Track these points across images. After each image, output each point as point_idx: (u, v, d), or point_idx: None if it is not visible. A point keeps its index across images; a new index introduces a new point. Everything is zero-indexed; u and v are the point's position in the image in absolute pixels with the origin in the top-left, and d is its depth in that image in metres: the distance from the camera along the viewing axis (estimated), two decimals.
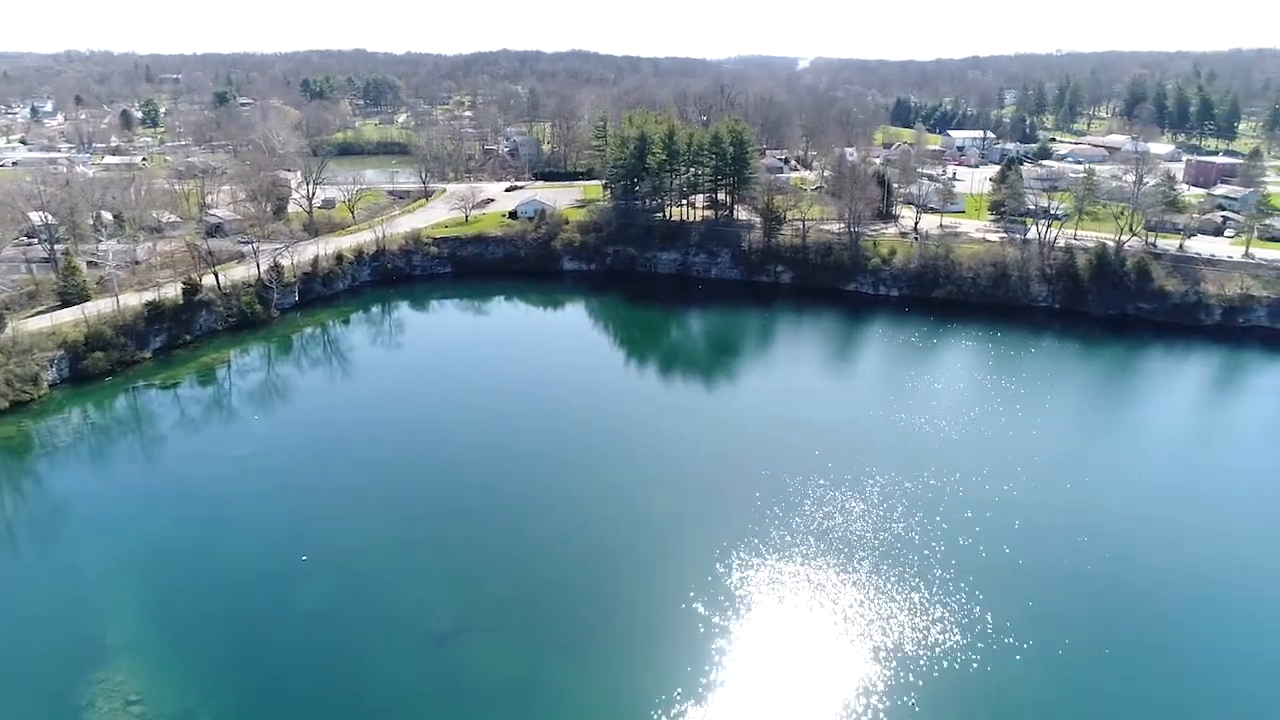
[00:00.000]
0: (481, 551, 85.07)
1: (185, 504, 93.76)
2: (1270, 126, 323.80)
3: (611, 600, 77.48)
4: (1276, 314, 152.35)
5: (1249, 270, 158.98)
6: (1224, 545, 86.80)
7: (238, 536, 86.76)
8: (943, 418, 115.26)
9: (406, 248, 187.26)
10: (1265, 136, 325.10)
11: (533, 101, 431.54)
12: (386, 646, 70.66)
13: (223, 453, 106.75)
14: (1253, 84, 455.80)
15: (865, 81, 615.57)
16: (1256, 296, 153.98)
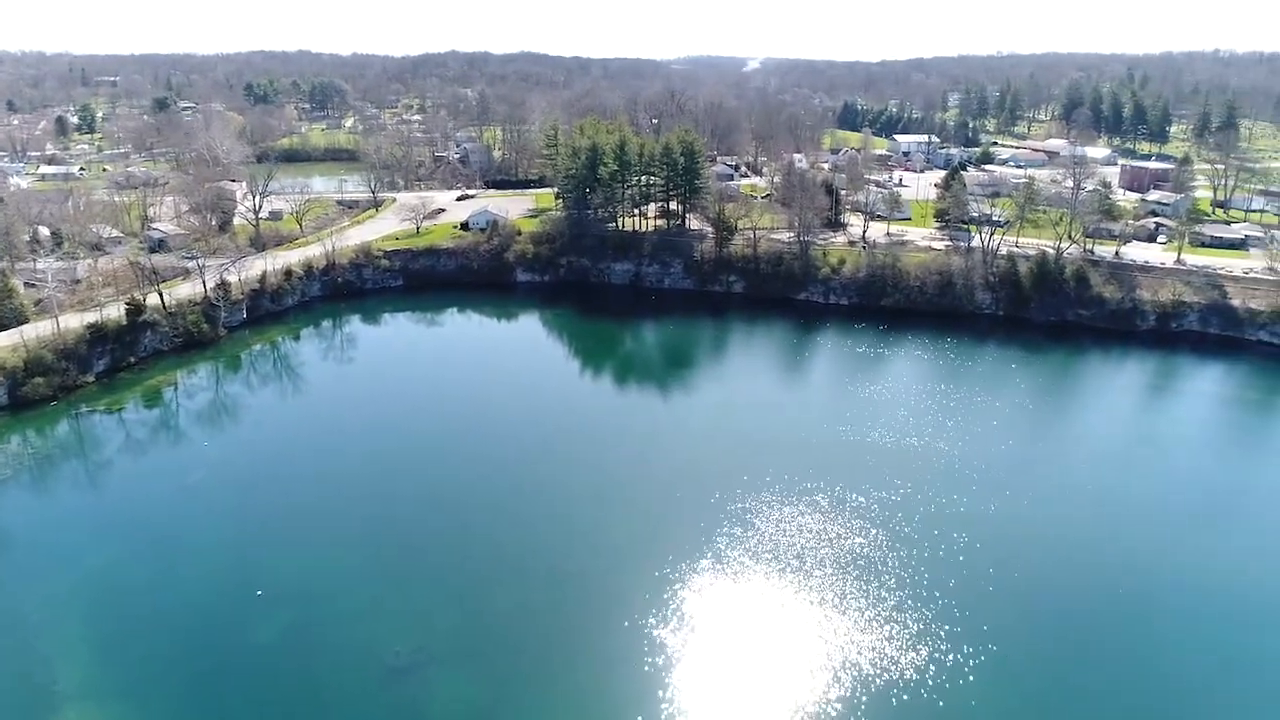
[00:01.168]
0: (439, 578, 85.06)
1: (133, 536, 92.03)
2: (1199, 132, 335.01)
3: (570, 625, 78.02)
4: (1207, 319, 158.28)
5: (1181, 277, 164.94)
6: (1169, 552, 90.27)
7: (189, 570, 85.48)
8: (892, 429, 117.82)
9: (357, 261, 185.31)
10: (1194, 140, 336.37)
11: (482, 105, 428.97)
12: (345, 682, 70.37)
13: (172, 480, 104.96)
14: (1183, 87, 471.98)
15: (813, 84, 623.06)
16: (1188, 302, 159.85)
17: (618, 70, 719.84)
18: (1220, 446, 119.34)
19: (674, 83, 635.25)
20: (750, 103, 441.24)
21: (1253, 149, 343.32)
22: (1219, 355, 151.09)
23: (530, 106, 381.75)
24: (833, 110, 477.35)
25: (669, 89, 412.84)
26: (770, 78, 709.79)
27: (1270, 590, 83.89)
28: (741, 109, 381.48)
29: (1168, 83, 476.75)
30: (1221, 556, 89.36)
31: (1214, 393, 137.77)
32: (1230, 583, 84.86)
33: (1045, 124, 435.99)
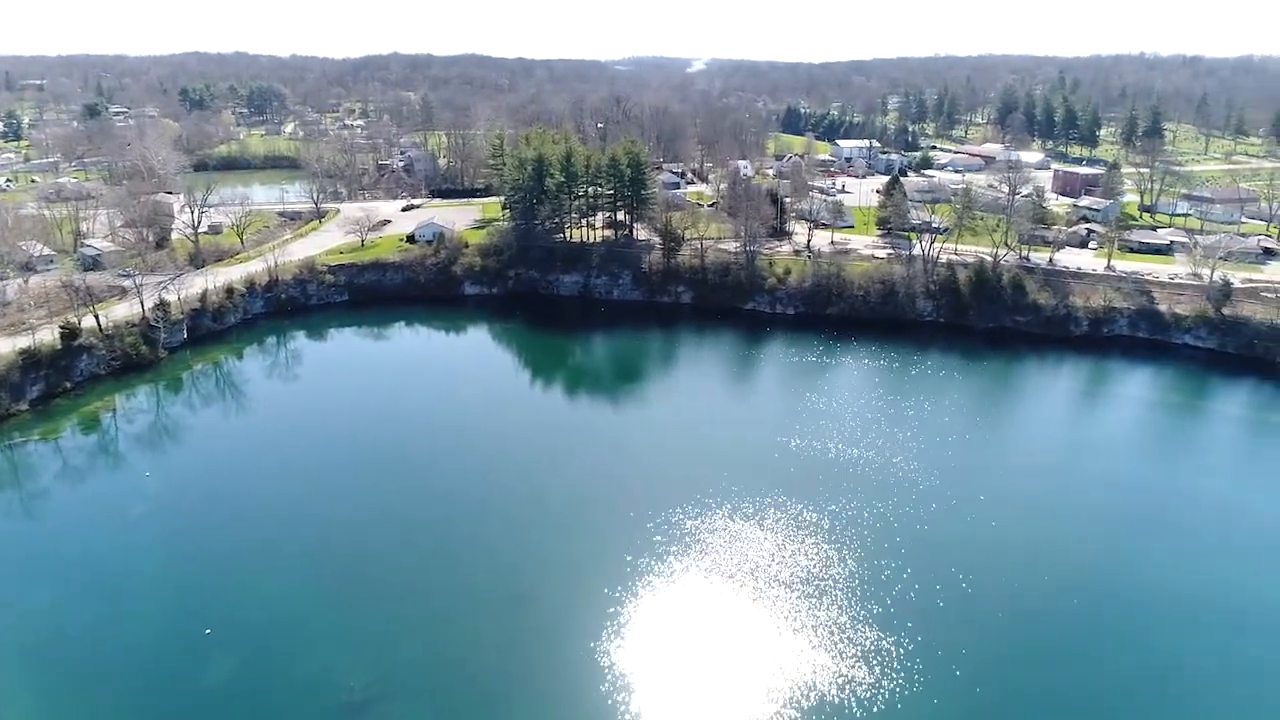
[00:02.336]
0: (393, 606, 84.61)
1: (72, 576, 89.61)
2: (1127, 137, 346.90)
3: (527, 651, 78.39)
4: (1136, 324, 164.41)
5: (1111, 283, 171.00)
6: (1109, 558, 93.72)
7: (133, 610, 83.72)
8: (841, 441, 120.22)
9: (301, 277, 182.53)
10: (1122, 144, 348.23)
11: (426, 111, 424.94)
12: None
13: (113, 513, 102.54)
14: (1111, 90, 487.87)
15: (756, 87, 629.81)
16: (1118, 308, 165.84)
17: (562, 72, 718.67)
18: (1151, 451, 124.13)
19: (619, 85, 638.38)
20: (695, 106, 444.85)
21: (1177, 151, 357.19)
22: (1148, 359, 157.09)
23: (476, 112, 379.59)
24: (776, 114, 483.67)
25: (614, 94, 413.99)
26: (714, 80, 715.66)
27: (1205, 591, 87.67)
28: (686, 113, 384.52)
29: (1096, 86, 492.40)
30: (1158, 561, 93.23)
31: (1143, 398, 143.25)
32: (1167, 586, 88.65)
33: (982, 127, 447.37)
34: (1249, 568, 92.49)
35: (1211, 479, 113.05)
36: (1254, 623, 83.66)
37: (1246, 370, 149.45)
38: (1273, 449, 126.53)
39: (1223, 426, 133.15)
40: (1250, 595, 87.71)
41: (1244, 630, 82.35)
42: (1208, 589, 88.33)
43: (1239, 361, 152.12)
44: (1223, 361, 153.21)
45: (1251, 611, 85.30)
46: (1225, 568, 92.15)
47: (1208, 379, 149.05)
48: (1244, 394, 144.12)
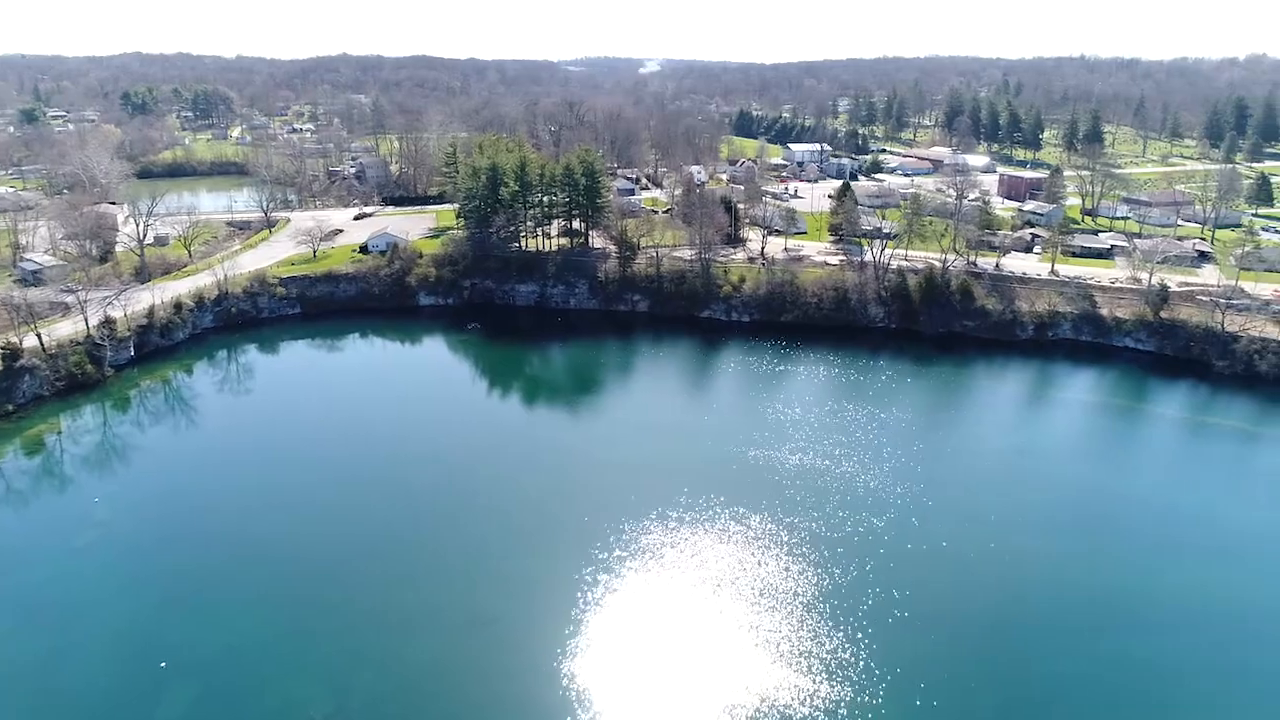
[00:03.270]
0: (353, 632, 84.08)
1: (16, 609, 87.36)
2: (1069, 141, 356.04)
3: (489, 675, 78.56)
4: (1079, 328, 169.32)
5: (1055, 288, 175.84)
6: (1059, 563, 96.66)
7: (83, 644, 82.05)
8: (797, 449, 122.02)
9: (251, 290, 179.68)
10: (1064, 148, 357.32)
11: (377, 114, 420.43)
12: None
13: (59, 541, 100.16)
14: (1053, 93, 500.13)
15: (709, 89, 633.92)
16: (1062, 312, 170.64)
17: (515, 74, 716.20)
18: (1097, 456, 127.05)
19: (572, 87, 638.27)
20: (649, 110, 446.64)
21: (1116, 154, 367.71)
22: (1091, 362, 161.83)
23: (428, 117, 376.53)
24: (729, 117, 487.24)
25: (567, 99, 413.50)
26: (667, 82, 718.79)
27: (1154, 593, 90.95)
28: (640, 118, 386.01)
29: (1039, 89, 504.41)
30: (1109, 564, 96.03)
31: (1088, 401, 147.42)
32: (1118, 589, 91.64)
33: (930, 130, 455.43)
34: (1195, 568, 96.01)
35: (1154, 482, 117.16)
36: (1205, 622, 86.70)
37: (1184, 372, 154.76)
38: (1210, 451, 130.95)
39: (1163, 429, 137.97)
40: (1197, 595, 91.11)
41: (1195, 629, 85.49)
42: (1156, 591, 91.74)
43: (1177, 364, 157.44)
44: (1162, 364, 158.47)
45: (1199, 612, 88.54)
46: (1173, 569, 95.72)
47: (1147, 381, 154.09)
48: (1182, 395, 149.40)
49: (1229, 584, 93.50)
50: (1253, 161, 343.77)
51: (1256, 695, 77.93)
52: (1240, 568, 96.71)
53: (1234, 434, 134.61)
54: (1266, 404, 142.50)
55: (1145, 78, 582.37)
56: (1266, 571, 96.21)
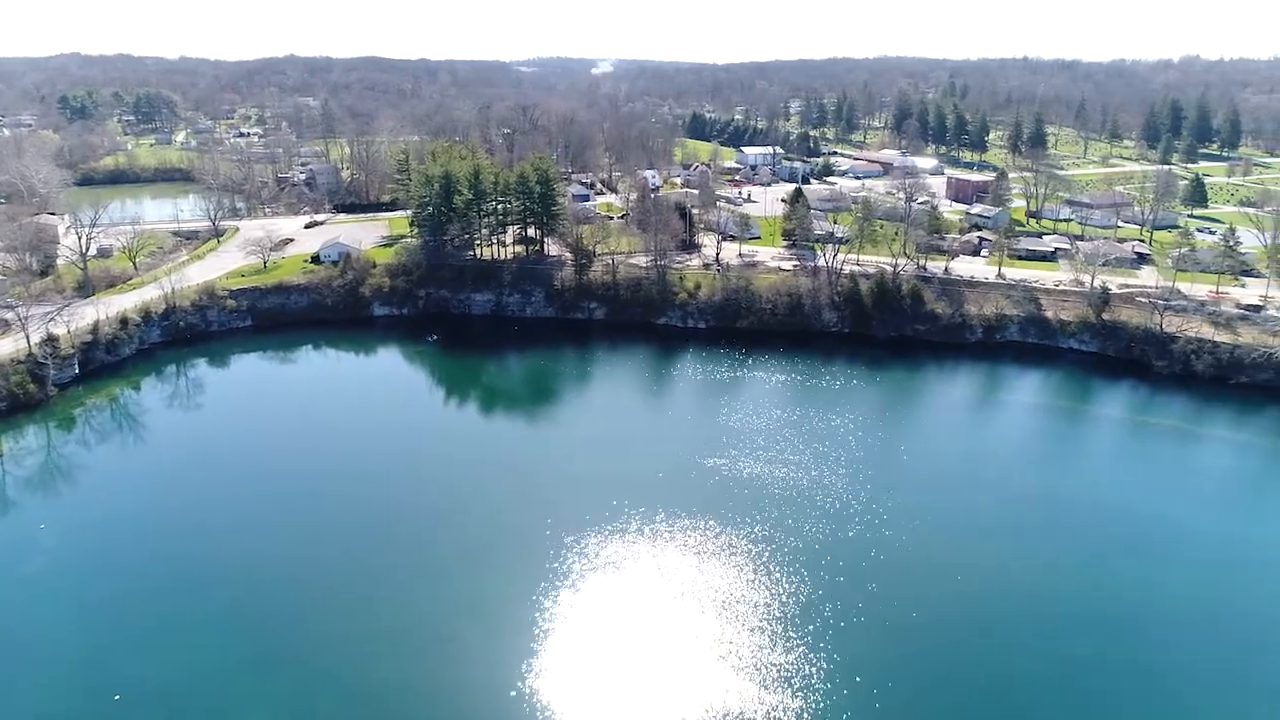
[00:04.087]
0: (312, 657, 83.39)
1: None
2: (1013, 143, 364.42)
3: (452, 699, 78.56)
4: (1026, 330, 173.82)
5: (1002, 291, 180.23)
6: (1014, 569, 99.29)
7: (33, 678, 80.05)
8: (752, 457, 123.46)
9: (200, 303, 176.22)
10: (1009, 150, 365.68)
11: (327, 118, 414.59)
12: None
13: (4, 571, 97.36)
14: (998, 95, 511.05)
15: (662, 91, 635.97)
16: (1009, 315, 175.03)
17: (466, 76, 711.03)
18: (1044, 458, 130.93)
19: (525, 89, 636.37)
20: (602, 112, 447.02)
21: (1059, 155, 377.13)
22: (1037, 363, 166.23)
23: (379, 121, 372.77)
24: (682, 119, 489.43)
25: (521, 102, 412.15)
26: (620, 83, 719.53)
27: (1103, 592, 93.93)
28: (594, 121, 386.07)
29: (984, 92, 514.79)
30: (1059, 565, 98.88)
31: (1035, 404, 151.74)
32: (1067, 589, 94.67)
33: (879, 132, 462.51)
34: (1142, 568, 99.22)
35: (1099, 483, 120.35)
36: (1154, 621, 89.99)
37: (1125, 372, 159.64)
38: (1151, 451, 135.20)
39: (1106, 430, 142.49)
40: (1140, 594, 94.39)
41: (1144, 628, 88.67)
42: (1107, 592, 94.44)
43: (1119, 364, 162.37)
44: (1104, 364, 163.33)
45: (1142, 611, 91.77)
46: (1121, 569, 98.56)
47: (1091, 382, 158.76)
48: (1124, 396, 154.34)
49: (1173, 583, 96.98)
50: (1188, 162, 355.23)
51: (1211, 693, 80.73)
52: (1177, 566, 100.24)
53: (1173, 433, 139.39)
54: (1202, 403, 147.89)
55: (1085, 79, 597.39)
56: (1204, 569, 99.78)
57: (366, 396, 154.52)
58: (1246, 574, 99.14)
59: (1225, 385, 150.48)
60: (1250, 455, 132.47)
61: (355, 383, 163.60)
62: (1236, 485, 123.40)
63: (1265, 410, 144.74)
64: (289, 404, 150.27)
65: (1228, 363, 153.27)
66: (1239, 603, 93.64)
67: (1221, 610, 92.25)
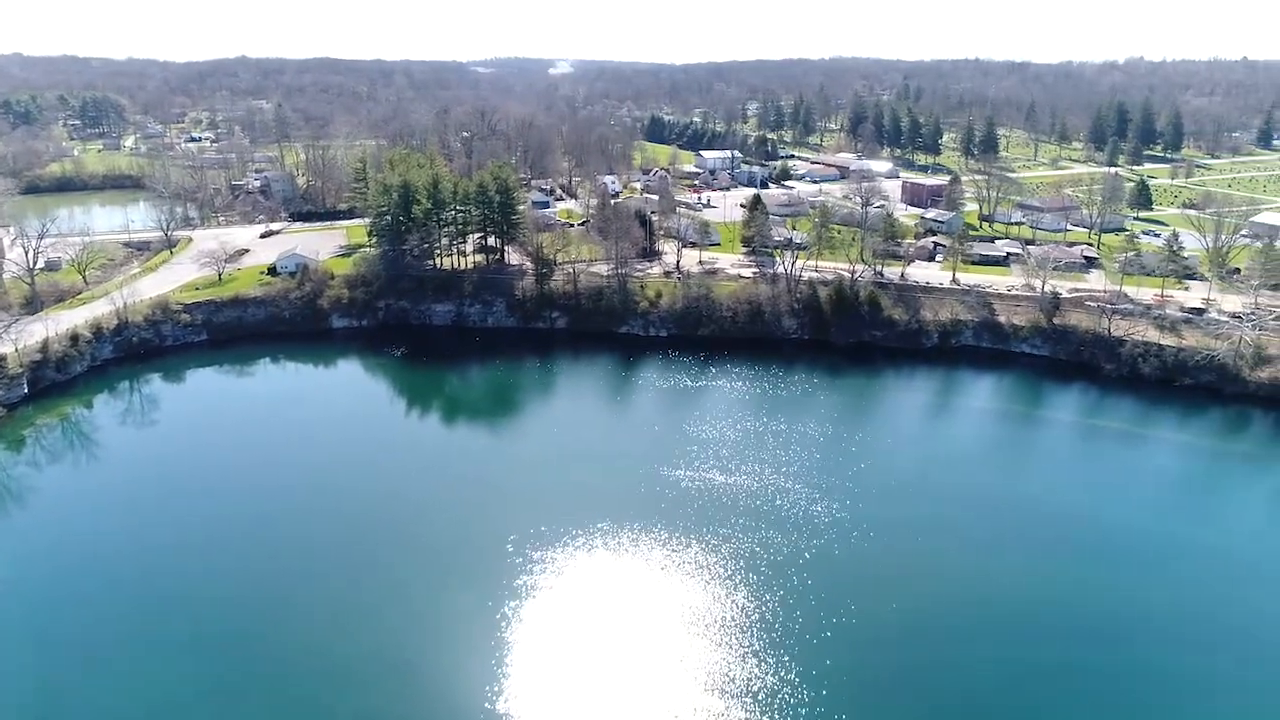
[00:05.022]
0: (275, 687, 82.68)
1: None
2: (965, 147, 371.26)
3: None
4: (980, 335, 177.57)
5: (957, 296, 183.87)
6: (974, 577, 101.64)
7: None
8: (715, 467, 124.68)
9: (154, 318, 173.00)
10: (961, 153, 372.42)
11: (281, 122, 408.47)
12: None
13: None
14: (951, 98, 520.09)
15: (620, 93, 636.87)
16: (964, 320, 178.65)
17: (423, 77, 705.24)
18: (999, 462, 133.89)
19: (482, 90, 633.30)
20: (561, 115, 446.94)
21: (1010, 157, 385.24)
22: (992, 368, 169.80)
23: (335, 126, 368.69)
24: (641, 122, 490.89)
25: (479, 105, 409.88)
26: (578, 85, 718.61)
27: (1054, 605, 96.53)
28: (553, 125, 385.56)
29: (937, 94, 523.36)
30: (1018, 569, 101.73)
31: (989, 409, 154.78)
32: (1023, 594, 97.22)
33: (836, 135, 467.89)
34: (1096, 573, 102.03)
35: (1053, 487, 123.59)
36: (1108, 626, 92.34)
37: (1076, 376, 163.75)
38: (1102, 453, 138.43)
39: (1057, 433, 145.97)
40: (1095, 599, 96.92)
41: (1095, 635, 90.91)
42: (1063, 597, 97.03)
43: (1069, 367, 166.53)
44: (1056, 368, 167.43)
45: (1098, 616, 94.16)
46: (1078, 574, 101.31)
47: (1043, 386, 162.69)
48: (1074, 399, 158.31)
49: (1125, 587, 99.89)
50: (1134, 164, 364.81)
51: (1167, 695, 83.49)
52: (1128, 570, 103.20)
53: (1122, 436, 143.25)
54: (1149, 406, 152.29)
55: (1035, 80, 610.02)
56: (1153, 572, 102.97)
57: (326, 411, 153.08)
58: (1194, 576, 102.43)
59: (1171, 387, 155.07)
60: (1194, 457, 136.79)
61: (315, 397, 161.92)
62: (1182, 488, 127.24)
63: (1208, 412, 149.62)
64: (247, 420, 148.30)
65: (1172, 365, 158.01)
66: (1190, 605, 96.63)
67: (1171, 613, 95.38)
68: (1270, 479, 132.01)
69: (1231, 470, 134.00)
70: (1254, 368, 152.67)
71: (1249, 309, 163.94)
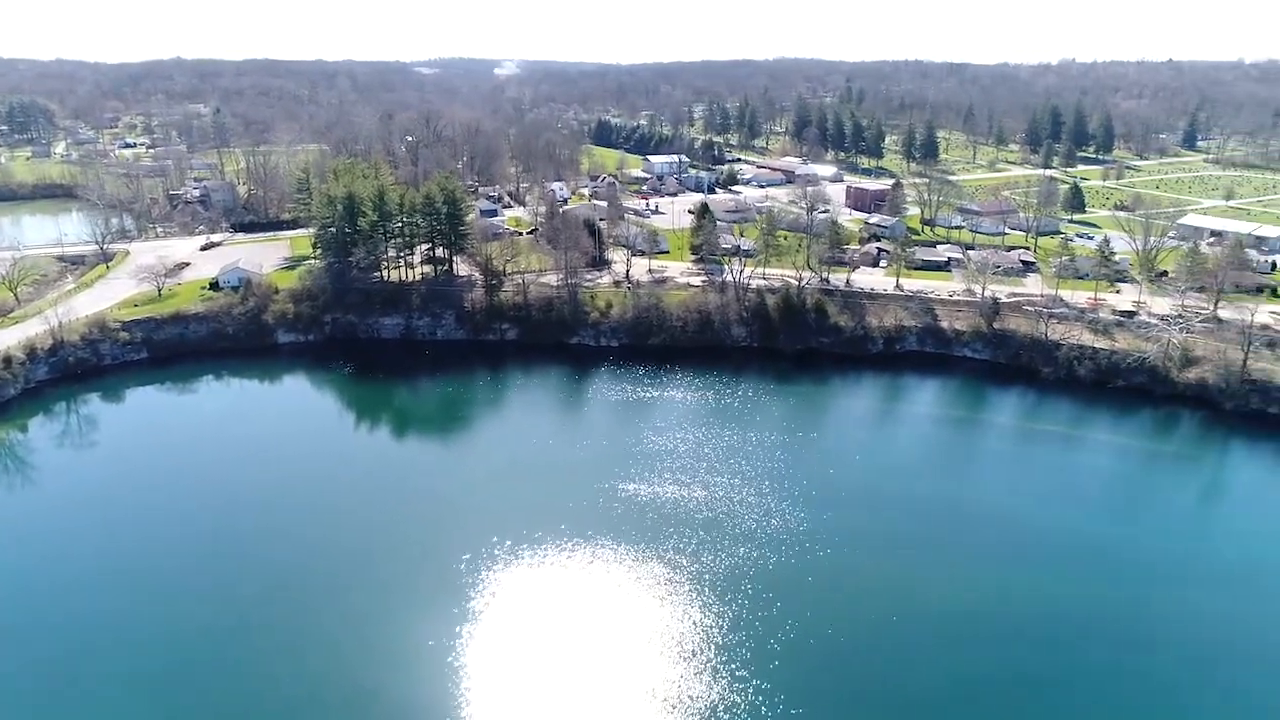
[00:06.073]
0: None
1: None
2: (907, 151, 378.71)
3: None
4: (923, 340, 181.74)
5: (900, 303, 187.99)
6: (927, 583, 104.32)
7: None
8: (668, 480, 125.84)
9: (91, 336, 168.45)
10: (903, 156, 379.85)
11: (219, 128, 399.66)
12: None
13: None
14: (892, 100, 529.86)
15: (567, 96, 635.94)
16: (908, 326, 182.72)
17: (366, 80, 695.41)
18: (939, 469, 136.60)
19: (427, 92, 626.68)
20: (508, 119, 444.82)
21: (949, 160, 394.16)
22: (935, 372, 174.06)
23: (276, 132, 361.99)
24: (588, 125, 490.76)
25: (424, 110, 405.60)
26: (524, 88, 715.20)
27: (998, 610, 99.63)
28: (499, 129, 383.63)
29: (879, 97, 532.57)
30: (961, 581, 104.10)
31: (933, 414, 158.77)
32: (961, 600, 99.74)
33: (781, 138, 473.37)
34: (1039, 576, 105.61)
35: (994, 491, 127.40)
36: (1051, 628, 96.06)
37: (1016, 379, 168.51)
38: (1041, 456, 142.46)
39: (997, 437, 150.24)
40: (1038, 602, 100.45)
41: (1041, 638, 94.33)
42: (1009, 601, 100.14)
43: (1010, 371, 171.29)
44: (997, 372, 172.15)
45: (1035, 618, 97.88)
46: (1022, 578, 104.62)
47: (985, 390, 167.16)
48: (1014, 402, 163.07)
49: (1065, 588, 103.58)
50: (1068, 166, 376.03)
51: (1107, 696, 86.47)
52: (1070, 572, 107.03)
53: (1059, 439, 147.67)
54: (1084, 408, 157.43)
55: (973, 83, 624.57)
56: (1090, 572, 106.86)
57: (273, 429, 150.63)
58: (1131, 576, 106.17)
59: (1105, 389, 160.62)
60: (1128, 458, 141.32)
61: (261, 415, 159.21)
62: (1116, 489, 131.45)
63: (1140, 413, 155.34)
64: (191, 441, 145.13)
65: (1106, 368, 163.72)
66: (1128, 606, 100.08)
67: (1110, 614, 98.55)
68: (1198, 478, 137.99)
69: (1162, 470, 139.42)
70: (1182, 369, 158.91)
71: (1177, 311, 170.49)
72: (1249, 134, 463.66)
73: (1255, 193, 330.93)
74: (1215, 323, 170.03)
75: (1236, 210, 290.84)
